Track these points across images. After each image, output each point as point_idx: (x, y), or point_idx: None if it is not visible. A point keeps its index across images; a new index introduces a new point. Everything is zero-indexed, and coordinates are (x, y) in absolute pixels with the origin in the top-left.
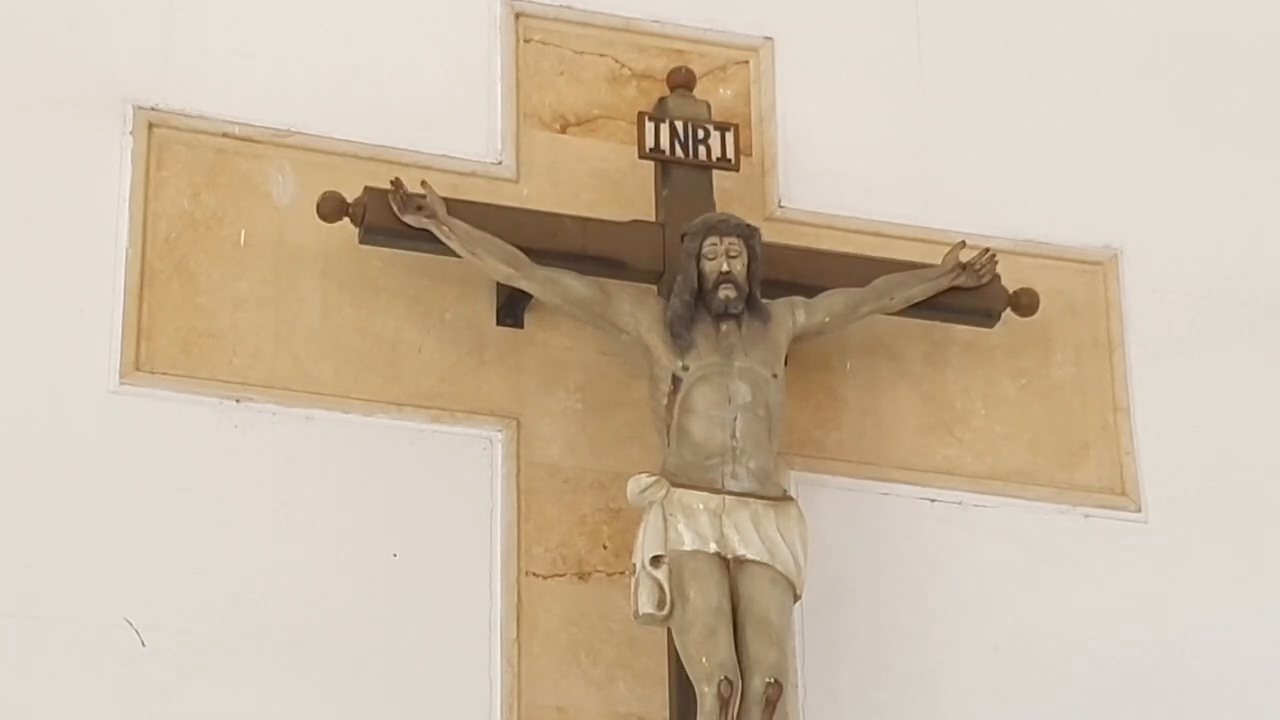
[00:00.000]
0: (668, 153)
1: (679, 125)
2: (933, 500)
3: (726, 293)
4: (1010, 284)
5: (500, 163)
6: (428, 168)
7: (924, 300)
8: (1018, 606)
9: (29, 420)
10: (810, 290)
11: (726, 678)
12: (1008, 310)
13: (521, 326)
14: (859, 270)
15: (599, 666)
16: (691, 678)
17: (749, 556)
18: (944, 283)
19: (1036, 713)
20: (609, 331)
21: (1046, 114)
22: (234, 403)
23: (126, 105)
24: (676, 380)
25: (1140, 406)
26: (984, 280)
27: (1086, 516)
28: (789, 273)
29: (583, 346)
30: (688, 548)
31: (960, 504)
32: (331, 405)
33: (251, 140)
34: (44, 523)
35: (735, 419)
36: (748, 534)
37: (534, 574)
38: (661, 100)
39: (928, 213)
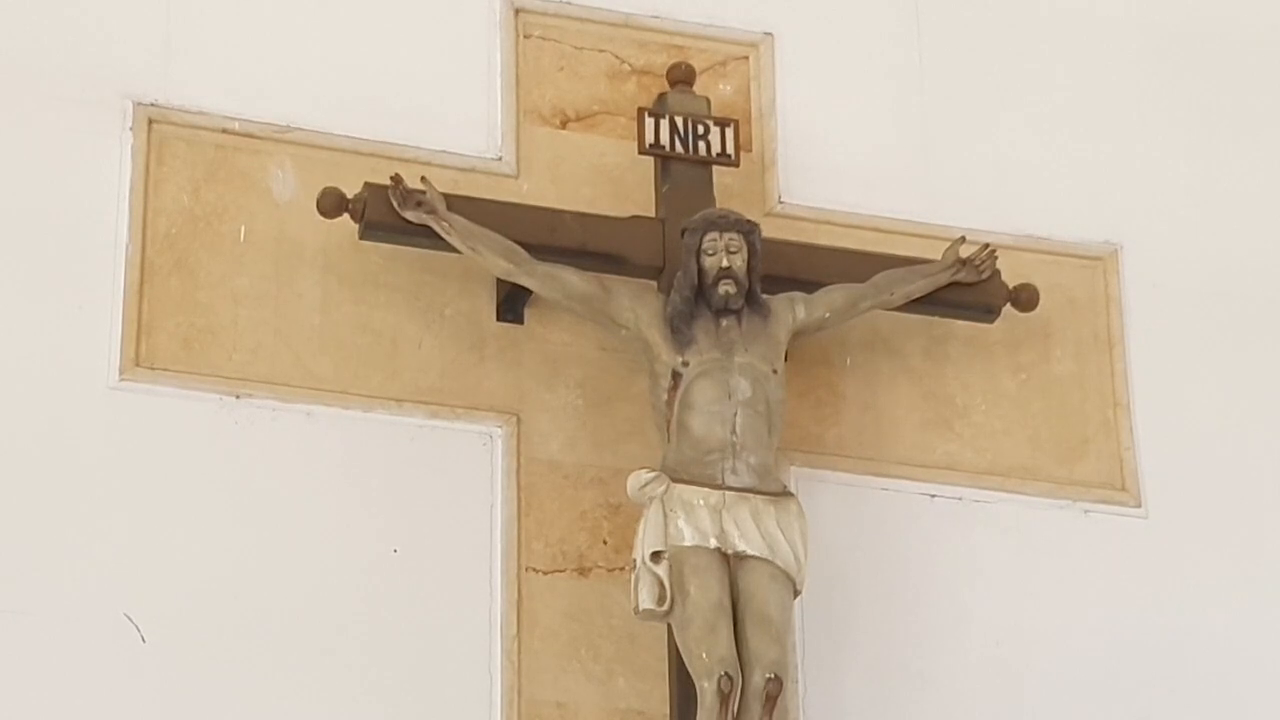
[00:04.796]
0: (668, 148)
1: (679, 121)
2: (933, 496)
3: (726, 288)
4: (1010, 279)
5: (500, 158)
6: (427, 163)
7: (924, 296)
8: (1018, 602)
9: (29, 416)
10: (810, 286)
11: (727, 673)
12: (1008, 306)
13: (521, 322)
14: (859, 266)
15: (599, 662)
16: (692, 673)
17: (749, 552)
18: (944, 278)
19: (1036, 708)
20: (609, 327)
21: (1046, 109)
22: (234, 399)
23: (126, 101)
24: (676, 376)
25: (1140, 402)
26: (984, 276)
27: (1086, 512)
28: (789, 268)
29: (583, 342)
30: (688, 543)
31: (960, 499)
32: (331, 401)
33: (251, 136)
34: (44, 519)
35: (735, 414)
36: (748, 529)
37: (534, 569)
38: (661, 96)
39: (928, 208)
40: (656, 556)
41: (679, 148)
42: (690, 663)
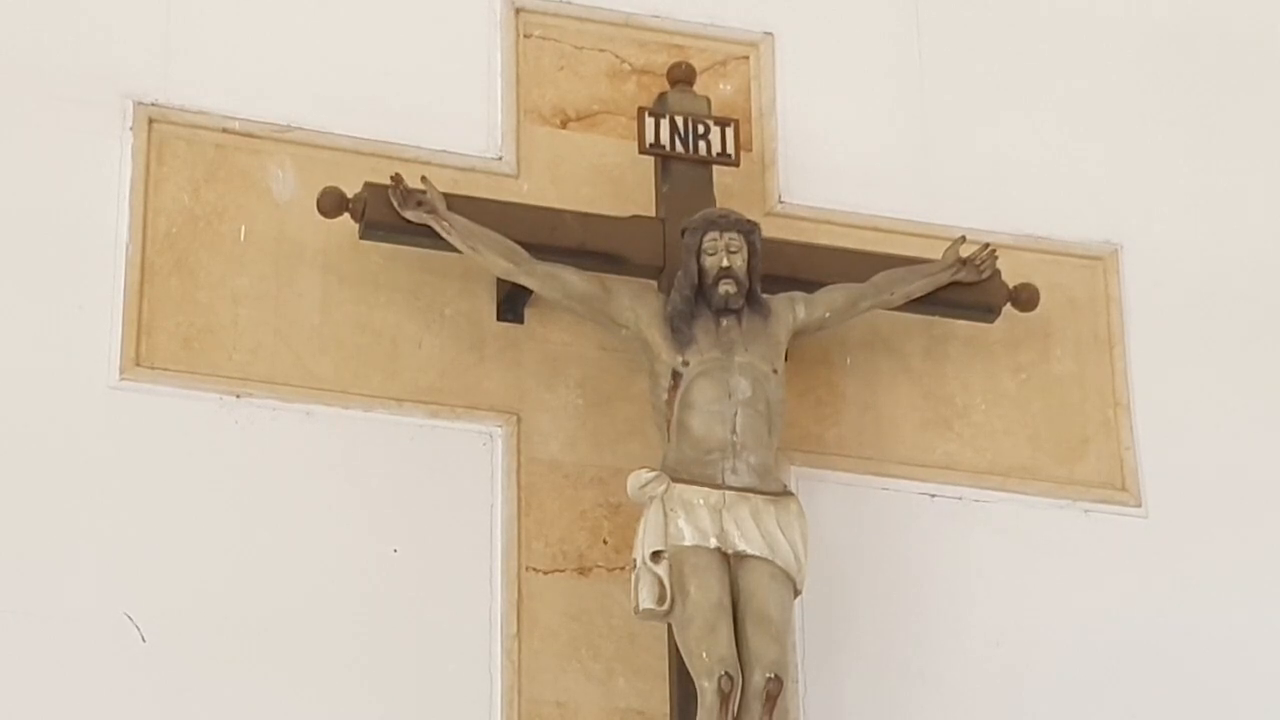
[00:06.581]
0: (668, 148)
1: (679, 120)
2: (933, 495)
3: (727, 288)
4: (1010, 279)
5: (500, 158)
6: (428, 163)
7: (924, 295)
8: (1018, 602)
9: (29, 416)
10: (810, 285)
11: (727, 673)
12: (1008, 305)
13: (522, 322)
14: (859, 265)
15: (599, 662)
16: (692, 673)
17: (749, 552)
18: (944, 278)
19: (1036, 708)
20: (609, 327)
21: (1047, 109)
22: (234, 398)
23: (127, 101)
24: (676, 376)
25: (1140, 402)
26: (984, 275)
27: (1086, 512)
28: (789, 268)
29: (583, 342)
30: (688, 543)
31: (960, 499)
32: (331, 401)
33: (251, 136)
34: (44, 518)
35: (735, 414)
36: (748, 529)
37: (534, 569)
38: (662, 95)
39: (928, 208)
40: (656, 556)
41: (679, 147)
42: (690, 662)
